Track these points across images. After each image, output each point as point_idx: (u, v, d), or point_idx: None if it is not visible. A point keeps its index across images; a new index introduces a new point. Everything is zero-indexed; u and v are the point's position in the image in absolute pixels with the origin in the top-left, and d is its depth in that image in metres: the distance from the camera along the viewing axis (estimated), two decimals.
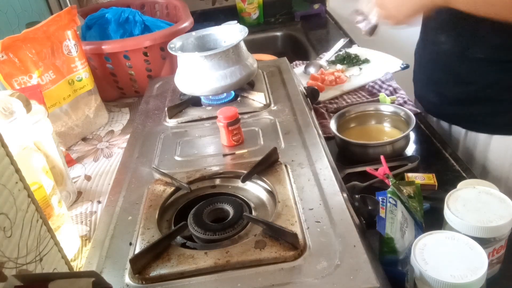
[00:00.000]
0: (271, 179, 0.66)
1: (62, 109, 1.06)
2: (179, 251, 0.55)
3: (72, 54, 1.07)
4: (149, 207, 0.64)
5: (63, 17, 1.04)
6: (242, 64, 0.90)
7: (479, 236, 0.56)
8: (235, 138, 0.76)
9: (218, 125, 0.77)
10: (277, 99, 0.90)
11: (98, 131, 1.13)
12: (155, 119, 0.91)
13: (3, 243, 0.41)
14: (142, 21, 1.29)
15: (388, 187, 0.59)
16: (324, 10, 1.88)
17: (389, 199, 0.57)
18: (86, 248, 0.74)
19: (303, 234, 0.55)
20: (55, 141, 0.83)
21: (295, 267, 0.51)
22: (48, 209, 0.67)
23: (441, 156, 0.91)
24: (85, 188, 0.91)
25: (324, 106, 1.13)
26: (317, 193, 0.62)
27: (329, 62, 1.35)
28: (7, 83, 0.95)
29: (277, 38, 1.82)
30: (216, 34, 0.99)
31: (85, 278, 0.41)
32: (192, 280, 0.52)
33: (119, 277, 0.54)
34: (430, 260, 0.51)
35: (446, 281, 0.49)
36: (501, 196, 0.60)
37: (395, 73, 1.23)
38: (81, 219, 0.83)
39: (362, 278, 0.48)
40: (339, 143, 0.93)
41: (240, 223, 0.59)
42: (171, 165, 0.74)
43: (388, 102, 1.06)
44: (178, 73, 0.94)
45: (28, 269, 0.45)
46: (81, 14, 1.32)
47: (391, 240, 0.58)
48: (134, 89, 1.27)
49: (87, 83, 1.11)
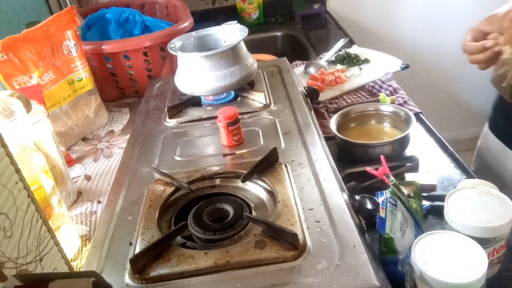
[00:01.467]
0: (271, 179, 0.66)
1: (62, 109, 1.06)
2: (179, 251, 0.55)
3: (72, 54, 1.07)
4: (149, 207, 0.64)
5: (63, 17, 1.04)
6: (242, 64, 0.90)
7: (479, 236, 0.56)
8: (235, 138, 0.76)
9: (218, 125, 0.77)
10: (277, 99, 0.90)
11: (98, 131, 1.13)
12: (155, 119, 0.91)
13: (3, 243, 0.41)
14: (142, 21, 1.29)
15: (388, 187, 0.59)
16: (324, 10, 1.88)
17: (389, 199, 0.57)
18: (86, 248, 0.74)
19: (303, 234, 0.55)
20: (55, 141, 0.83)
21: (295, 267, 0.51)
22: (48, 209, 0.67)
23: (441, 156, 0.91)
24: (85, 188, 0.91)
25: (324, 106, 1.13)
26: (317, 193, 0.62)
27: (329, 62, 1.35)
28: (7, 83, 0.95)
29: (277, 38, 1.82)
30: (216, 34, 0.99)
31: (85, 278, 0.40)
32: (192, 280, 0.52)
33: (119, 277, 0.54)
34: (430, 260, 0.51)
35: (446, 281, 0.49)
36: (501, 196, 0.60)
37: (395, 73, 1.23)
38: (81, 219, 0.83)
39: (362, 278, 0.48)
40: (339, 143, 0.93)
41: (240, 223, 0.59)
42: (171, 165, 0.74)
43: (388, 102, 1.06)
44: (178, 73, 0.94)
45: (28, 269, 0.45)
46: (81, 14, 1.32)
47: (391, 240, 0.58)
48: (134, 89, 1.27)
49: (87, 83, 1.11)
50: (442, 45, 2.03)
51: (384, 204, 0.58)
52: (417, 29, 2.04)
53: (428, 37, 2.05)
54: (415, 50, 2.03)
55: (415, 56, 1.84)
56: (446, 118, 2.08)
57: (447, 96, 2.21)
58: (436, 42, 2.06)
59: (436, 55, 2.08)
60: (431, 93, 2.12)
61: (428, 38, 2.05)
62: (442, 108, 2.15)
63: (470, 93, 2.17)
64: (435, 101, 2.07)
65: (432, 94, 2.11)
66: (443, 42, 2.03)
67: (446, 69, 2.12)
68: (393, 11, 2.02)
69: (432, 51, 2.07)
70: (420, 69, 1.78)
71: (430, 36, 2.05)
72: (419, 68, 1.73)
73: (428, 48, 2.05)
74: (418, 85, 1.88)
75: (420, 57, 1.97)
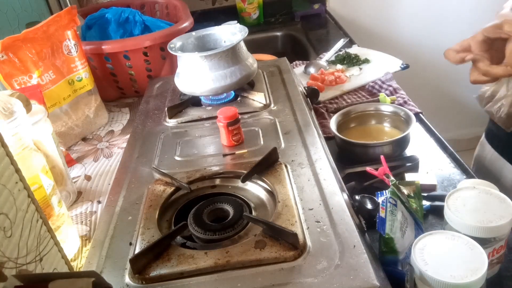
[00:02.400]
0: (271, 179, 0.66)
1: (62, 109, 1.06)
2: (179, 251, 0.55)
3: (72, 54, 1.07)
4: (149, 207, 0.64)
5: (63, 17, 1.04)
6: (242, 64, 0.90)
7: (479, 236, 0.56)
8: (235, 138, 0.76)
9: (218, 125, 0.77)
10: (277, 99, 0.90)
11: (98, 131, 1.13)
12: (155, 119, 0.91)
13: (3, 243, 0.41)
14: (142, 21, 1.29)
15: (388, 187, 0.59)
16: (324, 10, 1.88)
17: (389, 199, 0.57)
18: (86, 248, 0.74)
19: (303, 234, 0.55)
20: (55, 141, 0.83)
21: (295, 267, 0.51)
22: (48, 209, 0.67)
23: (441, 156, 0.91)
24: (85, 188, 0.91)
25: (324, 106, 1.13)
26: (317, 193, 0.62)
27: (329, 62, 1.35)
28: (7, 83, 0.95)
29: (277, 38, 1.82)
30: (216, 34, 0.99)
31: (85, 278, 0.40)
32: (192, 280, 0.52)
33: (119, 277, 0.54)
34: (430, 260, 0.51)
35: (446, 281, 0.49)
36: (501, 196, 0.60)
37: (395, 73, 1.23)
38: (81, 219, 0.83)
39: (362, 278, 0.48)
40: (339, 143, 0.93)
41: (240, 223, 0.59)
42: (171, 165, 0.74)
43: (388, 102, 1.06)
44: (178, 73, 0.94)
45: (28, 269, 0.45)
46: (81, 14, 1.32)
47: (391, 240, 0.58)
48: (134, 89, 1.27)
49: (87, 83, 1.11)
50: (442, 45, 2.00)
51: (384, 204, 0.58)
52: (417, 29, 2.04)
53: (428, 37, 2.05)
54: (415, 50, 2.03)
55: (415, 56, 1.84)
56: (446, 118, 2.07)
57: (447, 96, 2.21)
58: (436, 42, 2.05)
59: (436, 55, 2.07)
60: (431, 93, 2.12)
61: (428, 38, 2.05)
62: (442, 108, 2.15)
63: (470, 93, 2.16)
64: (435, 101, 2.07)
65: (432, 94, 2.11)
66: (443, 42, 2.01)
67: (446, 69, 2.11)
68: (393, 11, 2.02)
69: (432, 51, 2.06)
70: (420, 69, 1.78)
71: (430, 36, 2.05)
72: (419, 68, 1.73)
73: (428, 48, 2.05)
74: (418, 85, 1.87)
75: (420, 57, 1.97)
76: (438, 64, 2.10)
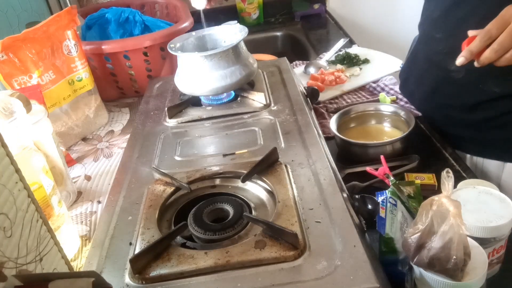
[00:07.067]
0: (271, 179, 0.66)
1: (62, 109, 1.06)
2: (179, 251, 0.55)
3: (72, 54, 1.07)
4: (149, 207, 0.64)
5: (63, 17, 1.04)
6: (242, 64, 0.90)
7: (479, 236, 0.56)
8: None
9: None
10: (277, 99, 0.90)
11: (98, 131, 1.13)
12: (155, 119, 0.91)
13: (3, 243, 0.41)
14: (142, 21, 1.29)
15: (388, 187, 0.59)
16: (324, 10, 1.88)
17: (389, 199, 0.57)
18: (86, 248, 0.74)
19: (303, 234, 0.55)
20: (55, 141, 0.83)
21: (295, 267, 0.51)
22: (48, 209, 0.67)
23: (441, 156, 0.91)
24: (85, 188, 0.91)
25: (324, 106, 1.13)
26: (317, 193, 0.62)
27: (329, 62, 1.35)
28: (7, 83, 0.95)
29: (277, 38, 1.82)
30: (216, 34, 0.99)
31: (85, 278, 0.40)
32: (192, 280, 0.52)
33: (119, 277, 0.54)
34: None
35: (446, 281, 0.49)
36: (501, 196, 0.60)
37: (395, 73, 1.23)
38: (81, 219, 0.83)
39: (362, 278, 0.48)
40: (339, 143, 0.93)
41: (240, 223, 0.59)
42: (171, 165, 0.74)
43: (388, 102, 1.06)
44: (178, 73, 0.94)
45: (28, 269, 0.45)
46: (81, 14, 1.32)
47: (391, 240, 0.58)
48: (134, 89, 1.27)
49: (87, 83, 1.11)
50: None
51: (384, 204, 0.58)
52: (417, 29, 2.04)
53: None
54: None
55: None
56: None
57: None
58: None
59: None
60: None
61: None
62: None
63: None
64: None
65: None
66: None
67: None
68: (393, 11, 2.01)
69: None
70: None
71: None
72: None
73: None
74: None
75: None
76: None
